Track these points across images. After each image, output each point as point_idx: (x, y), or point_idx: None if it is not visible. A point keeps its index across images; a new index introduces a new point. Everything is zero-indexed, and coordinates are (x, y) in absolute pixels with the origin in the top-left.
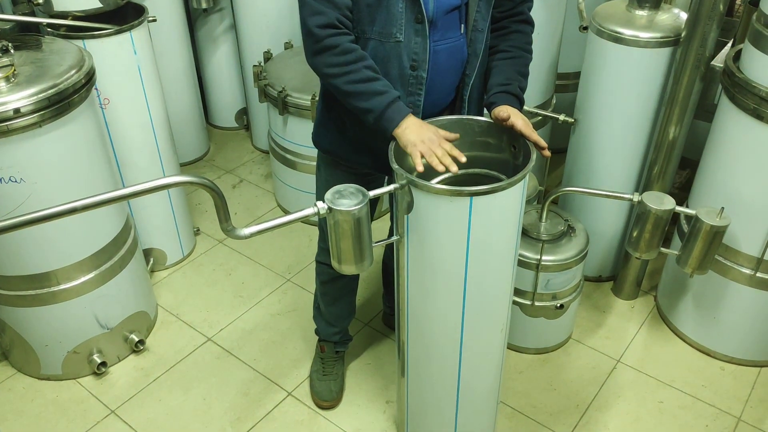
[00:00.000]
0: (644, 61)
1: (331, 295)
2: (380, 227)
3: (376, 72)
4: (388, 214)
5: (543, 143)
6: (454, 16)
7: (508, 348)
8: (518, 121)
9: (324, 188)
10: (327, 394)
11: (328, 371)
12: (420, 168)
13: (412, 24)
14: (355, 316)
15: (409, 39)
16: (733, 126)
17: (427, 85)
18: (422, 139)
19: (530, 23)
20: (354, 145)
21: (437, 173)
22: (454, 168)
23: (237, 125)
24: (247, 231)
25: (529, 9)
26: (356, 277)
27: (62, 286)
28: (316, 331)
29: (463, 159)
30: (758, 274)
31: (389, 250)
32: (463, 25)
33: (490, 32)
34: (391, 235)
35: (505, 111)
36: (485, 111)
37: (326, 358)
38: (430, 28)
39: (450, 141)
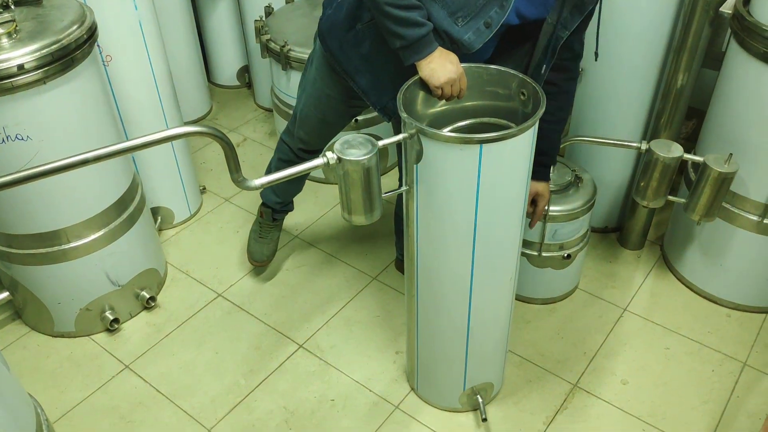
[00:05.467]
0: (652, 6)
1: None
2: (386, 184)
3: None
4: (393, 171)
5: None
6: (518, 41)
7: (515, 299)
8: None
9: (311, 86)
10: (258, 255)
11: (264, 235)
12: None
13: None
14: (300, 192)
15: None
16: (742, 71)
17: None
18: (449, 81)
19: (575, 80)
20: (375, 80)
21: (446, 123)
22: (455, 95)
23: (239, 83)
24: (257, 182)
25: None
26: None
27: (72, 244)
28: (261, 194)
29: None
30: (765, 221)
31: (402, 198)
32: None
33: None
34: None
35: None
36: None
37: (263, 223)
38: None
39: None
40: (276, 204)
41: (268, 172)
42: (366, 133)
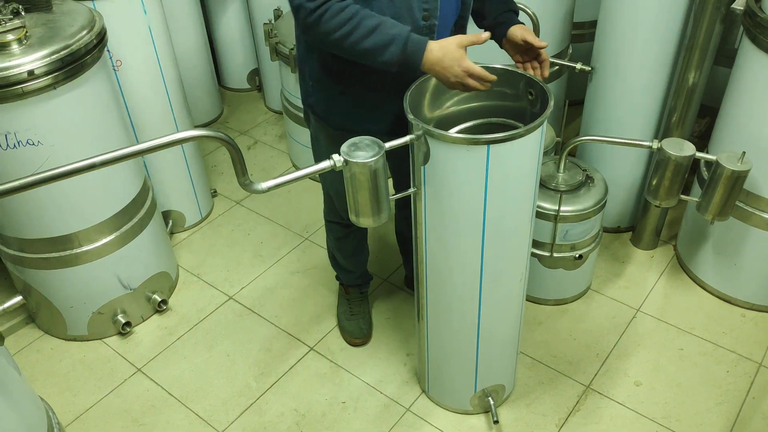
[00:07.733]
0: (663, 4)
1: (347, 250)
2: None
3: (373, 15)
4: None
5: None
6: None
7: (527, 300)
8: (536, 39)
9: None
10: (358, 332)
11: (355, 311)
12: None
13: None
14: (369, 255)
15: None
16: (754, 68)
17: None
18: (455, 76)
19: None
20: (372, 114)
21: (453, 124)
22: (483, 87)
23: (249, 86)
24: (264, 185)
25: None
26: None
27: (84, 248)
28: (337, 277)
29: (493, 77)
30: None
31: (400, 218)
32: None
33: None
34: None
35: (520, 34)
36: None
37: (352, 299)
38: None
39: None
40: (357, 280)
41: (332, 259)
42: None
